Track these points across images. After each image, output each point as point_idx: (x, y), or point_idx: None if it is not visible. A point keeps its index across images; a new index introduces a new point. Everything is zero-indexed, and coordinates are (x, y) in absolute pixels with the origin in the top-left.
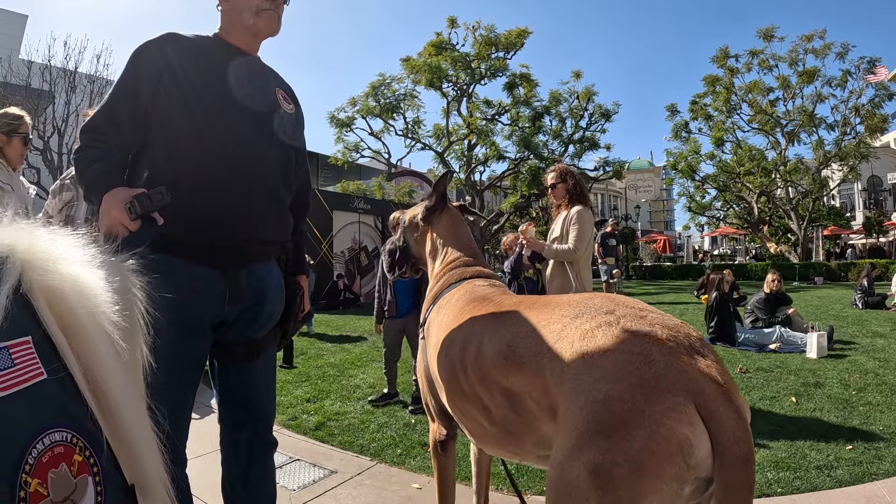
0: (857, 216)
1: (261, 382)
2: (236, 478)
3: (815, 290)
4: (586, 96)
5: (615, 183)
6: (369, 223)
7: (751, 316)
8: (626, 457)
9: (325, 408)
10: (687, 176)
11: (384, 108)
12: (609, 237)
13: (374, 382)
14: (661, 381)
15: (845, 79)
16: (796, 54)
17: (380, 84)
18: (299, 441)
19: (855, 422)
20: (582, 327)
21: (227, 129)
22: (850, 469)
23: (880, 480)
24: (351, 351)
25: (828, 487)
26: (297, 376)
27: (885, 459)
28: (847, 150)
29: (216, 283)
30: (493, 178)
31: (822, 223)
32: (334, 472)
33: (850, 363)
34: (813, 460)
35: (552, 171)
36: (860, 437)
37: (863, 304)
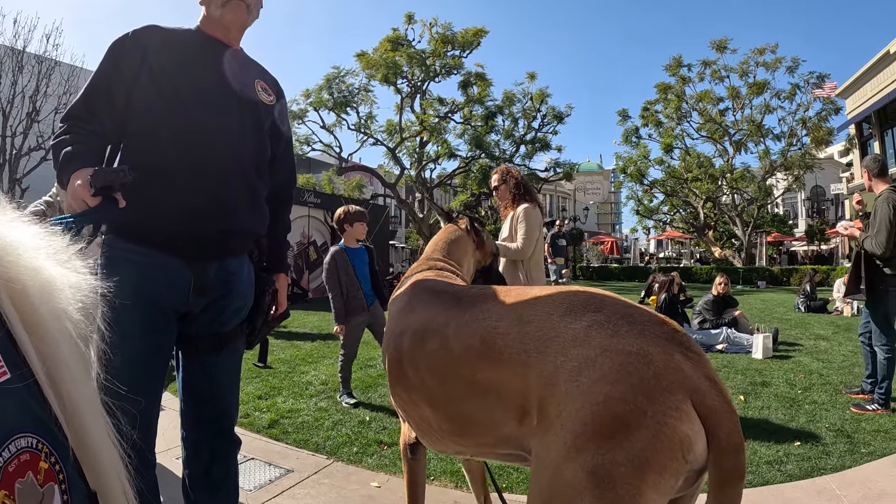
0: (800, 224)
1: (224, 377)
2: (198, 476)
3: (758, 293)
4: (540, 98)
5: (565, 184)
6: (319, 217)
7: (699, 317)
8: (628, 456)
9: (278, 405)
10: (636, 180)
11: (337, 101)
12: (558, 237)
13: (327, 379)
14: (661, 381)
15: (794, 92)
16: (747, 66)
17: (334, 77)
18: (253, 439)
19: (802, 419)
20: (573, 326)
21: (200, 120)
22: (799, 464)
23: (829, 475)
24: (301, 347)
25: (779, 482)
26: (248, 373)
27: (833, 455)
28: (792, 161)
29: (182, 274)
30: (444, 176)
31: (765, 230)
32: (291, 471)
33: (795, 364)
34: (763, 456)
35: (495, 173)
36: (807, 433)
37: (805, 307)
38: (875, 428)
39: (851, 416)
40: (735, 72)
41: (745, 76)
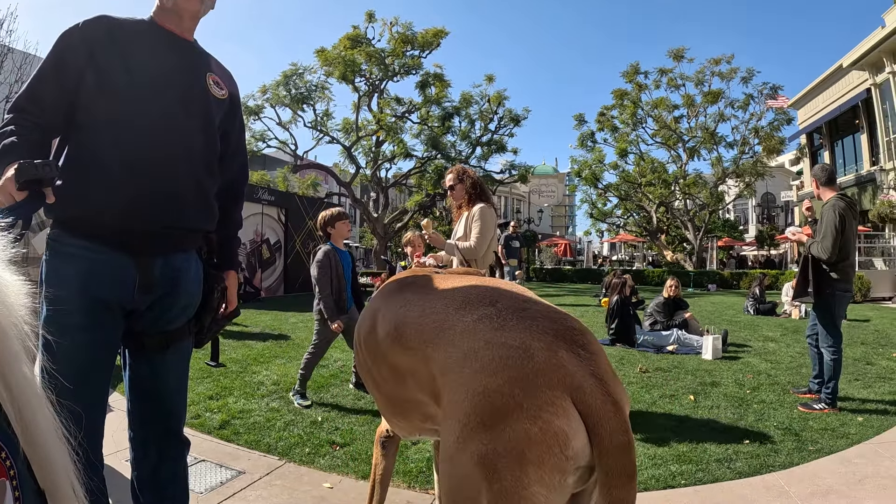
0: (751, 229)
1: (171, 376)
2: (146, 478)
3: (709, 296)
4: (497, 100)
5: (520, 187)
6: (272, 215)
7: (650, 319)
8: (507, 447)
9: (229, 405)
10: (590, 184)
11: (294, 98)
12: (512, 239)
13: (279, 379)
14: (539, 377)
15: (748, 102)
16: (703, 75)
17: (292, 74)
18: (204, 440)
19: (750, 418)
20: (464, 319)
21: (146, 113)
22: (748, 461)
23: (777, 472)
24: (253, 347)
25: (729, 479)
26: (199, 372)
27: (781, 453)
28: (744, 168)
29: (127, 269)
30: (399, 176)
31: (716, 234)
32: (242, 472)
33: (744, 364)
34: (713, 454)
35: (449, 172)
36: (756, 432)
37: (754, 310)
38: (822, 426)
39: (799, 415)
40: (691, 80)
41: (700, 85)
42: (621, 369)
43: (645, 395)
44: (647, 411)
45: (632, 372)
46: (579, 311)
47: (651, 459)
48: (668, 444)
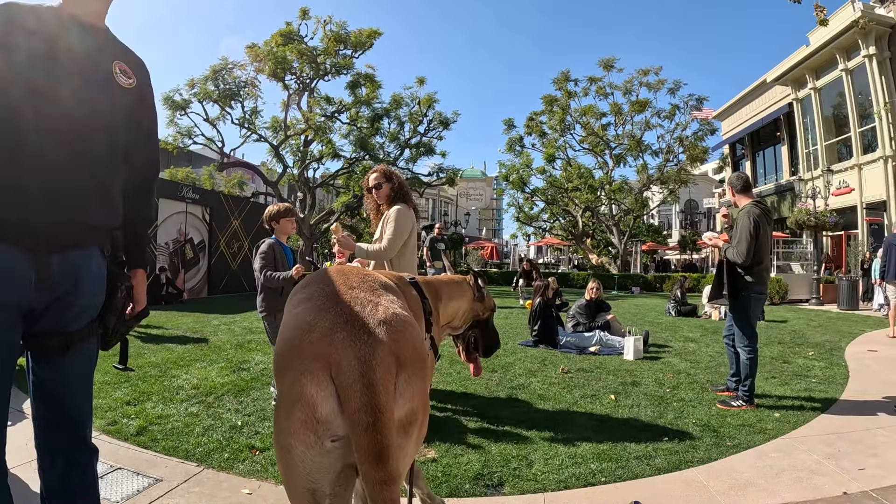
0: (674, 234)
1: (74, 380)
2: (54, 486)
3: (632, 298)
4: (427, 103)
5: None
6: (197, 214)
7: (572, 321)
8: (280, 397)
9: (147, 411)
10: (517, 188)
11: (223, 93)
12: (437, 241)
13: (199, 383)
14: (310, 348)
15: (674, 112)
16: (632, 85)
17: (221, 68)
18: (120, 448)
19: (670, 416)
20: (294, 297)
21: (43, 103)
22: (667, 458)
23: (696, 467)
24: (173, 350)
25: (648, 475)
26: (117, 377)
27: (699, 448)
28: (668, 176)
29: (22, 266)
30: (327, 176)
31: (641, 239)
32: (159, 480)
33: (665, 364)
34: (633, 451)
35: (374, 171)
36: (675, 429)
37: (676, 312)
38: (740, 422)
39: (718, 413)
40: (619, 89)
41: (628, 94)
42: (543, 370)
43: (566, 395)
44: (568, 411)
45: (554, 373)
46: (504, 313)
47: (572, 458)
48: (589, 443)
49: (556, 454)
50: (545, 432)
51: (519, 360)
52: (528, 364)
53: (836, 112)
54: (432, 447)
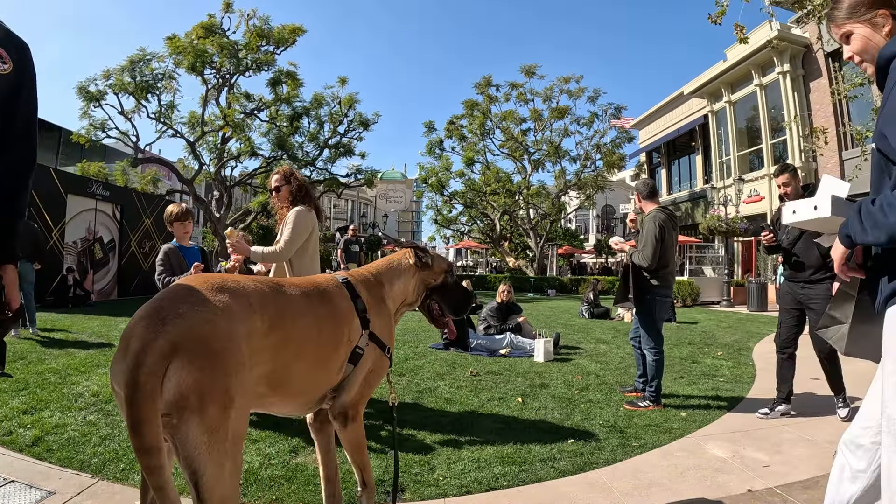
0: (591, 238)
1: None
2: None
3: (548, 300)
4: (348, 103)
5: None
6: (107, 212)
7: (484, 323)
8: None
9: (44, 420)
10: (436, 190)
11: (139, 86)
12: (351, 243)
13: (99, 390)
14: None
15: (592, 119)
16: (552, 92)
17: (139, 59)
18: (14, 459)
19: (577, 418)
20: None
21: None
22: (572, 460)
23: (601, 468)
24: (76, 355)
25: (552, 478)
26: (14, 385)
27: (605, 450)
28: (586, 181)
29: None
30: (245, 175)
31: (557, 242)
32: (53, 493)
33: (574, 366)
34: (538, 454)
35: (276, 173)
36: (582, 431)
37: (589, 314)
38: (646, 423)
39: (625, 413)
40: (540, 96)
41: (548, 101)
42: (452, 373)
43: (474, 398)
44: (474, 414)
45: (462, 375)
46: (417, 316)
47: (475, 463)
48: (494, 447)
49: (459, 459)
50: (450, 436)
51: (428, 363)
52: (437, 367)
53: (749, 125)
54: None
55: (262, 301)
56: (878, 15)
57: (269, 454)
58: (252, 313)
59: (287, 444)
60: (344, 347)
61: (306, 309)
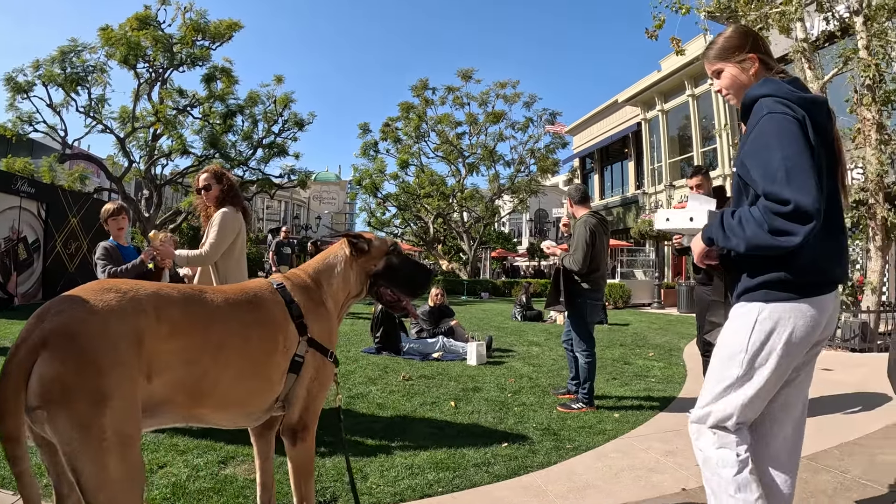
0: (524, 242)
1: None
2: None
3: (481, 303)
4: (284, 102)
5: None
6: (32, 210)
7: (416, 327)
8: None
9: None
10: (370, 192)
11: (69, 78)
12: (283, 245)
13: None
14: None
15: (528, 125)
16: (488, 96)
17: (70, 50)
18: None
19: (510, 421)
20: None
21: None
22: (506, 464)
23: (535, 472)
24: None
25: (486, 483)
26: None
27: (539, 453)
28: (519, 185)
29: None
30: (175, 174)
31: (491, 245)
32: None
33: (507, 369)
34: (471, 459)
35: (204, 172)
36: (515, 434)
37: (521, 317)
38: (580, 425)
39: (558, 416)
40: (476, 100)
41: (484, 105)
42: (384, 377)
43: (406, 403)
44: (407, 418)
45: (395, 380)
46: (350, 319)
47: (408, 469)
48: (427, 452)
49: (392, 465)
50: (382, 442)
51: (360, 367)
52: (369, 372)
53: (681, 133)
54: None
55: (161, 303)
56: (747, 59)
57: (198, 465)
58: (142, 315)
59: (216, 454)
60: (280, 355)
61: (228, 315)
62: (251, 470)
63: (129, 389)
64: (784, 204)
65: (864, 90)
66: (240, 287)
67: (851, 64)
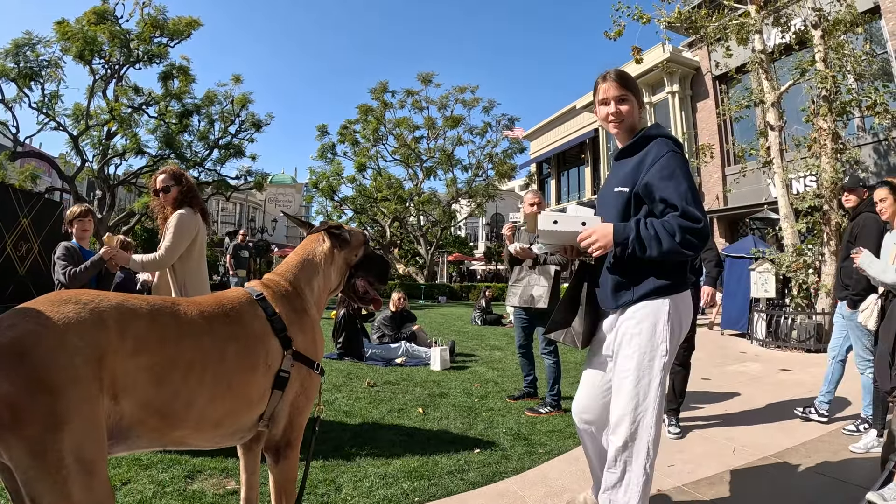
0: (481, 245)
1: None
2: None
3: (439, 307)
4: (241, 102)
5: (256, 194)
6: None
7: (378, 332)
8: None
9: None
10: (327, 195)
11: (23, 72)
12: (241, 248)
13: None
14: None
15: (486, 129)
16: (447, 101)
17: (24, 44)
18: None
19: (480, 427)
20: None
21: None
22: (480, 471)
23: (510, 478)
24: None
25: (462, 490)
26: None
27: (512, 458)
28: (477, 190)
29: None
30: (129, 174)
31: (448, 249)
32: None
33: (472, 373)
34: (445, 466)
35: (162, 172)
36: (486, 440)
37: (481, 321)
38: (550, 429)
39: (527, 420)
40: (435, 104)
41: (443, 109)
42: (349, 384)
43: (373, 410)
44: (375, 425)
45: (360, 386)
46: None
47: (382, 479)
48: (399, 460)
49: (365, 475)
50: (352, 451)
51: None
52: (333, 378)
53: None
54: (231, 478)
55: (126, 317)
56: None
57: (163, 481)
58: (103, 329)
59: (181, 468)
60: (261, 372)
61: (201, 330)
62: (219, 485)
63: (88, 411)
64: (697, 222)
65: (821, 101)
66: (215, 299)
67: (808, 75)
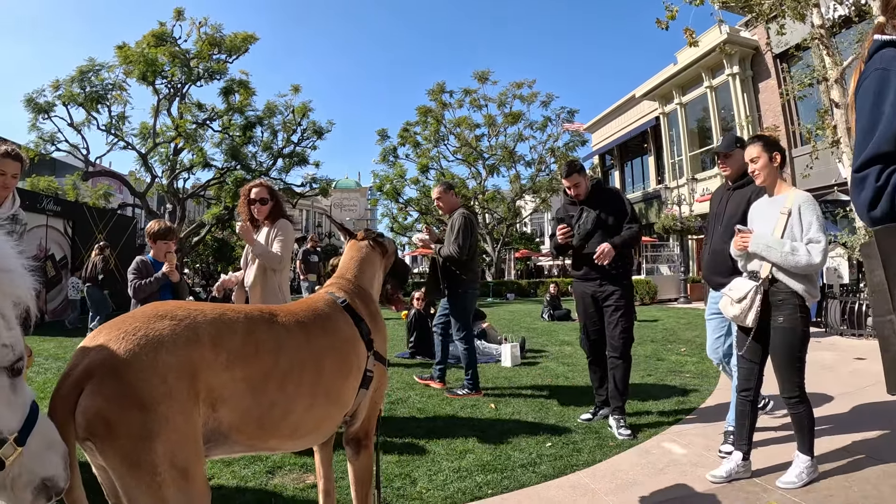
0: (547, 241)
1: None
2: None
3: (507, 305)
4: (302, 111)
5: (321, 200)
6: (58, 228)
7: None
8: None
9: None
10: (391, 198)
11: (89, 97)
12: (310, 254)
13: None
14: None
15: (546, 124)
16: (506, 97)
17: (89, 70)
18: None
19: (551, 420)
20: None
21: None
22: (552, 463)
23: (581, 470)
24: (33, 380)
25: (535, 483)
26: None
27: (583, 451)
28: (540, 185)
29: None
30: (197, 187)
31: (514, 246)
32: None
33: (542, 369)
34: (517, 460)
35: (258, 185)
36: (557, 433)
37: (549, 316)
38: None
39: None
40: (493, 101)
41: (502, 106)
42: None
43: (446, 406)
44: (448, 421)
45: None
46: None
47: (456, 472)
48: (473, 455)
49: (439, 469)
50: (427, 446)
51: (397, 373)
52: (406, 377)
53: (700, 125)
54: (310, 472)
55: (220, 331)
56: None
57: (245, 476)
58: (196, 344)
59: (262, 465)
60: (354, 376)
61: (298, 341)
62: (299, 479)
63: (181, 422)
64: None
65: None
66: (308, 307)
67: None
